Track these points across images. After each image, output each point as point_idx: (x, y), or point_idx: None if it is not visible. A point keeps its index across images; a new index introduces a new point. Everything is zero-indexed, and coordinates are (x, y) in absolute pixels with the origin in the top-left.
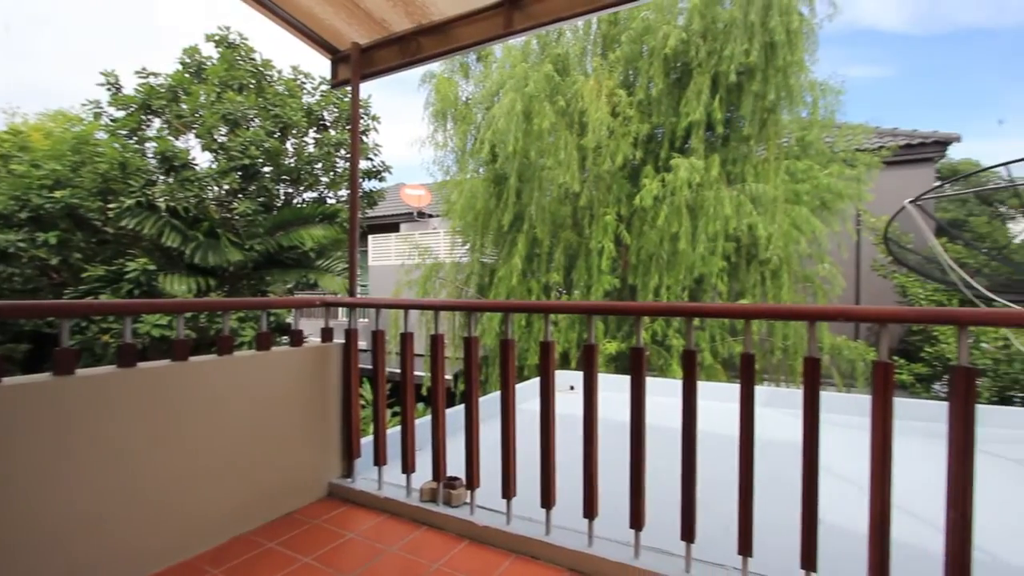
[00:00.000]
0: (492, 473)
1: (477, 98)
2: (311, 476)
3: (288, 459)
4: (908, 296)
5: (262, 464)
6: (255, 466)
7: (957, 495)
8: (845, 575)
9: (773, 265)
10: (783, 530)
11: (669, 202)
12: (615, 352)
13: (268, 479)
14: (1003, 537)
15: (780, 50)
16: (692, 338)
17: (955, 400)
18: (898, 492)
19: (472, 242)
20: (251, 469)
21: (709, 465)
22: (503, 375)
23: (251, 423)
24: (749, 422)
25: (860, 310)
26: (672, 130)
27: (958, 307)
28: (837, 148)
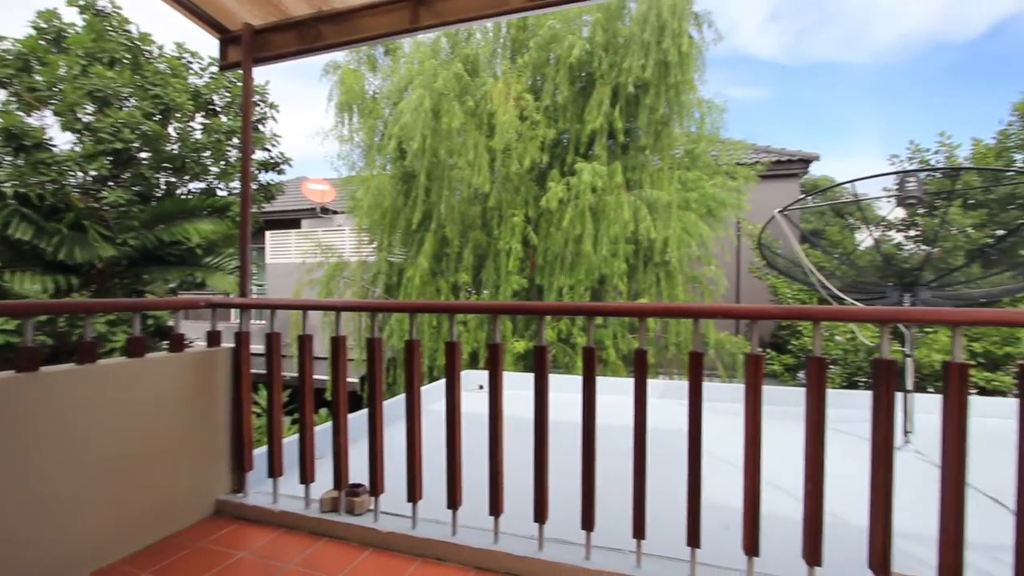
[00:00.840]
0: (398, 477)
1: (385, 92)
2: (194, 493)
3: (166, 477)
4: (778, 295)
5: (133, 485)
6: (125, 488)
7: (812, 469)
8: (725, 546)
9: (669, 267)
10: (676, 512)
11: (574, 205)
12: (523, 351)
13: (140, 501)
14: (848, 501)
15: (673, 69)
16: (592, 336)
17: (810, 386)
18: (768, 469)
19: (379, 241)
20: (119, 492)
21: (610, 457)
22: (408, 376)
23: (119, 440)
24: (642, 414)
25: (736, 308)
26: (577, 136)
27: (815, 305)
28: (721, 161)
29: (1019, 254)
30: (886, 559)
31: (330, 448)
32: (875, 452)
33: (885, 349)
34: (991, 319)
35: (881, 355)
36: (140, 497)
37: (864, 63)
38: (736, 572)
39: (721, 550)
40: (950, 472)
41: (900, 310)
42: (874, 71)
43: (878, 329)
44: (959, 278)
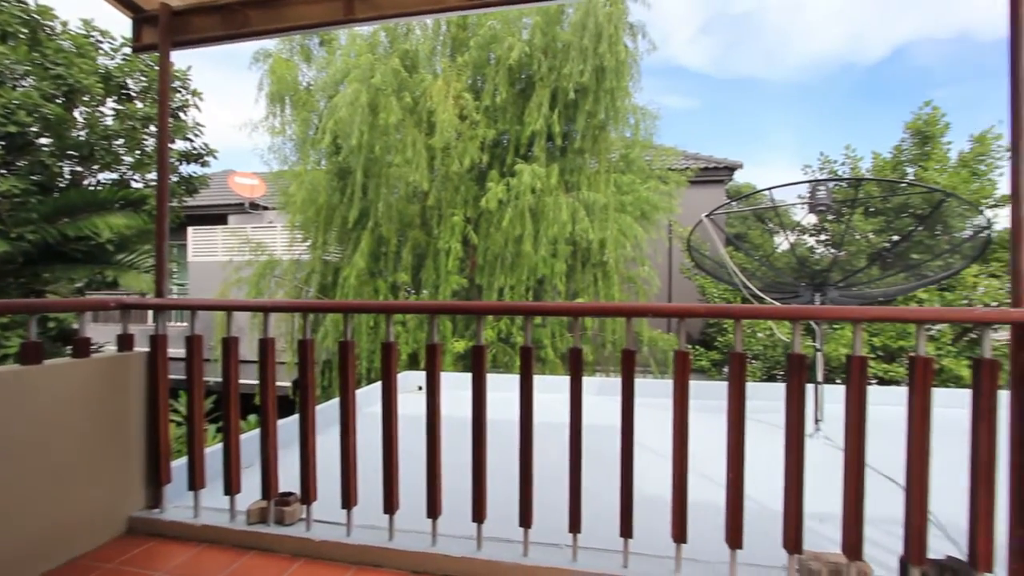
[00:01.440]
0: (333, 484)
1: (320, 84)
2: (103, 512)
3: (68, 495)
4: (706, 295)
5: (25, 507)
6: (18, 510)
7: (733, 458)
8: (656, 535)
9: (605, 267)
10: (612, 505)
11: (514, 206)
12: (463, 351)
13: (36, 524)
14: (767, 487)
15: (609, 75)
16: (530, 335)
17: (732, 380)
18: (696, 459)
19: (314, 238)
20: (12, 515)
21: (549, 453)
22: (343, 379)
23: (11, 457)
24: (578, 411)
25: (665, 307)
26: (517, 137)
27: (736, 304)
28: (654, 166)
29: (911, 257)
30: (798, 539)
31: (259, 456)
32: (788, 440)
33: (797, 344)
34: (885, 316)
35: (793, 350)
36: (36, 520)
37: (783, 79)
38: (666, 559)
39: (652, 539)
40: (851, 455)
41: (810, 308)
42: (791, 86)
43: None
44: (862, 279)
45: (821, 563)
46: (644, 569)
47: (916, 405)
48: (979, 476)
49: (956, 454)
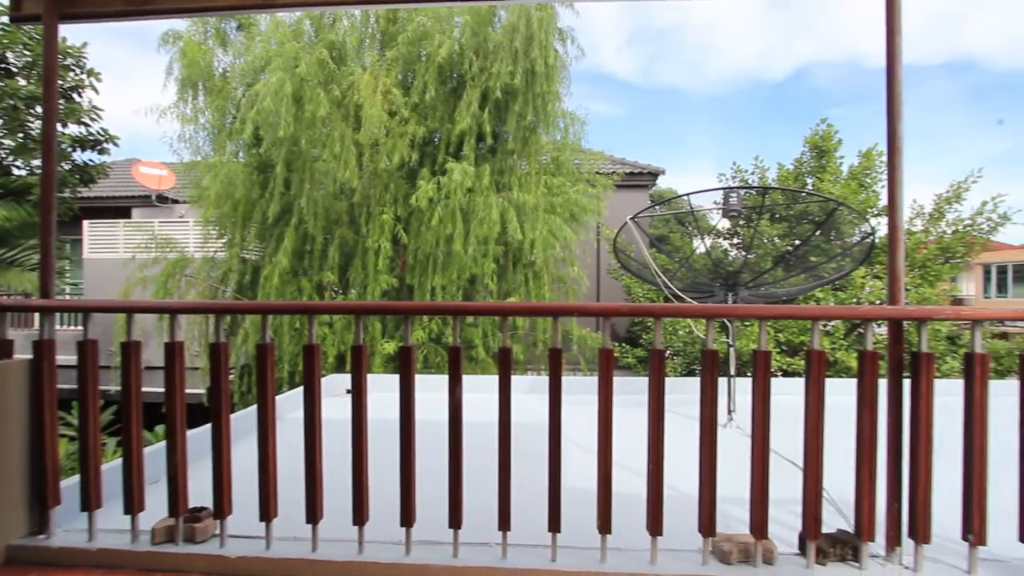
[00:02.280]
0: (252, 496)
1: (238, 71)
2: None
3: None
4: (631, 294)
5: None
6: None
7: (654, 450)
8: (585, 527)
9: (536, 268)
10: (542, 501)
11: (444, 204)
12: (394, 352)
13: None
14: (685, 476)
15: (540, 78)
16: (458, 335)
17: (652, 375)
18: (621, 453)
19: (231, 235)
20: None
21: (480, 453)
22: (261, 383)
23: None
24: (507, 410)
25: (590, 306)
26: (448, 136)
27: (656, 303)
28: (583, 169)
29: (810, 260)
30: (712, 523)
31: (166, 471)
32: (702, 431)
33: (711, 341)
34: (787, 314)
35: (707, 346)
36: None
37: (702, 91)
38: (593, 550)
39: (580, 531)
40: (757, 443)
41: (723, 307)
42: (709, 99)
43: (707, 324)
44: (768, 279)
45: (732, 544)
46: (571, 561)
47: (811, 394)
48: (863, 456)
49: (848, 437)
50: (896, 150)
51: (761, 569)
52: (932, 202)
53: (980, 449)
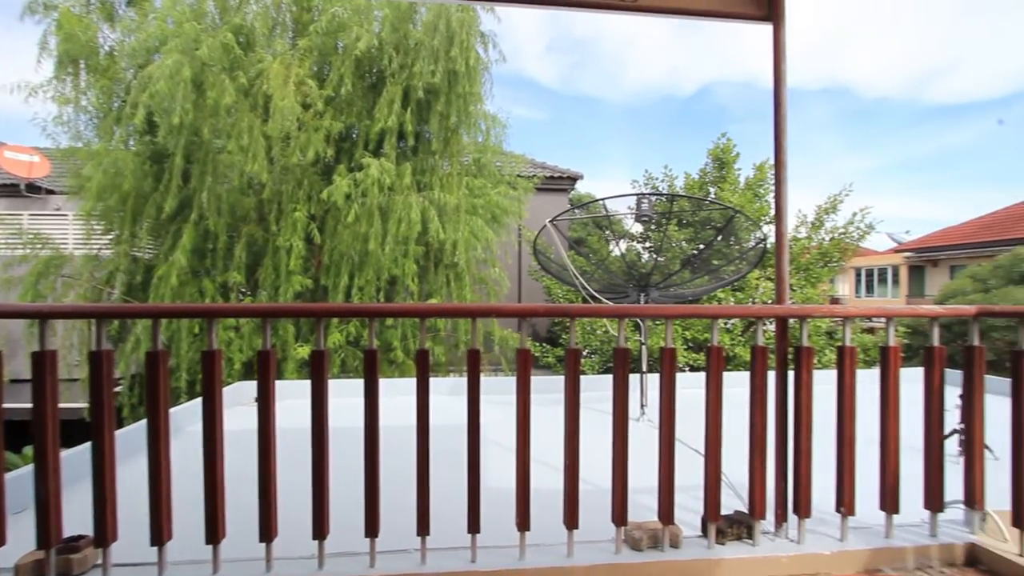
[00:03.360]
0: (143, 519)
1: (127, 50)
2: None
3: None
4: (551, 295)
5: None
6: None
7: (570, 446)
8: (505, 526)
9: (457, 269)
10: (463, 503)
11: (361, 203)
12: (308, 356)
13: None
14: (601, 469)
15: (462, 80)
16: (374, 338)
17: (568, 374)
18: (540, 450)
19: (119, 231)
20: None
21: (401, 457)
22: (152, 394)
23: None
24: (425, 413)
25: (508, 307)
26: (366, 132)
27: (571, 304)
28: (504, 172)
29: (712, 263)
30: (624, 513)
31: (35, 497)
32: (615, 426)
33: (622, 339)
34: (690, 313)
35: (619, 345)
36: None
37: (618, 101)
38: (512, 548)
39: (501, 530)
40: (664, 434)
41: (633, 307)
42: (625, 109)
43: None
44: (676, 281)
45: (643, 531)
46: (491, 561)
47: (711, 387)
48: (755, 443)
49: (745, 426)
50: (782, 164)
51: (668, 553)
52: (814, 212)
53: (849, 432)
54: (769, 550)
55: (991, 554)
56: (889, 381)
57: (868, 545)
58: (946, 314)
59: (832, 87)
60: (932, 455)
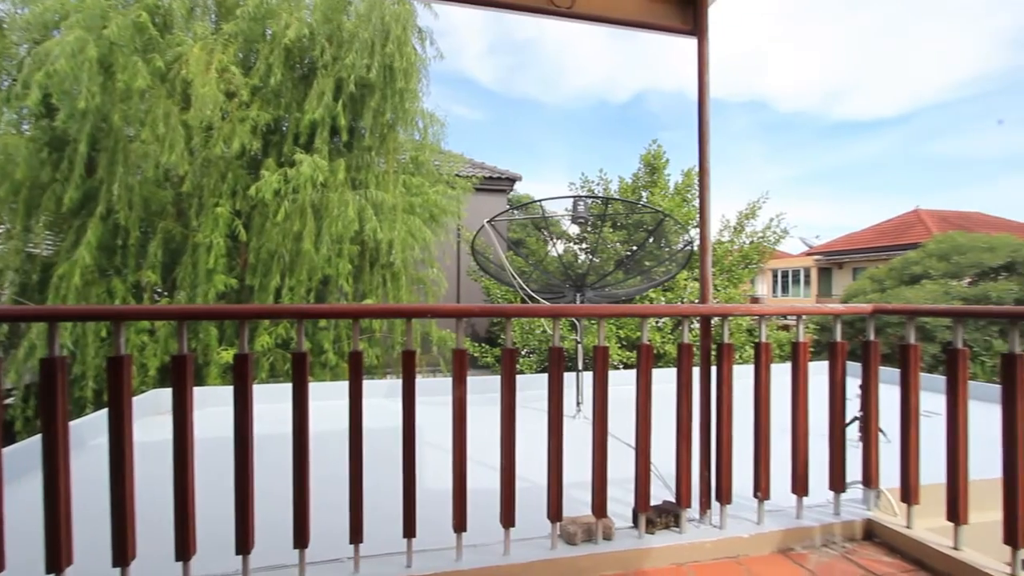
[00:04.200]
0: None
1: (20, 23)
2: None
3: None
4: (490, 295)
5: None
6: None
7: (506, 445)
8: (443, 528)
9: (394, 269)
10: (395, 507)
11: (292, 199)
12: (232, 360)
13: None
14: (537, 467)
15: (398, 75)
16: (303, 340)
17: (504, 374)
18: (478, 450)
19: (9, 224)
20: None
21: (334, 463)
22: (47, 406)
23: None
24: (358, 416)
25: (443, 307)
26: (297, 126)
27: (507, 304)
28: (442, 171)
29: (644, 264)
30: (559, 508)
31: None
32: (550, 423)
33: (557, 338)
34: (621, 312)
35: (553, 344)
36: None
37: (557, 104)
38: (449, 550)
39: (438, 532)
40: (598, 430)
41: (567, 307)
42: (563, 112)
43: (562, 322)
44: (611, 281)
45: (577, 526)
46: (427, 564)
47: (641, 383)
48: (682, 435)
49: (672, 420)
50: (705, 171)
51: (601, 545)
52: (736, 217)
53: (765, 422)
54: (694, 536)
55: (884, 528)
56: (799, 374)
57: (781, 526)
58: (847, 312)
59: (753, 100)
60: (835, 441)
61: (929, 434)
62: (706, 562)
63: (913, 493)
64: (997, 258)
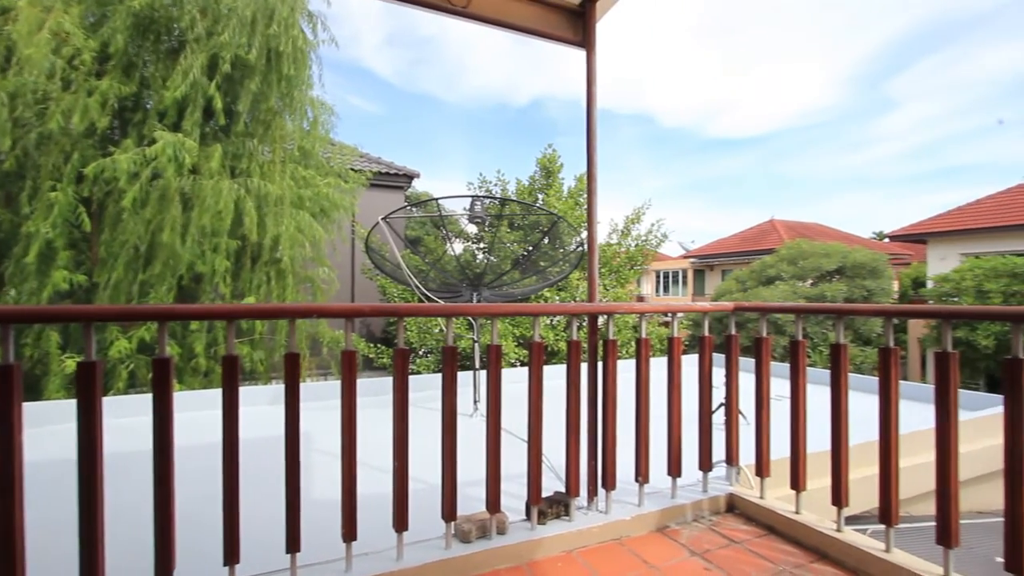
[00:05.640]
0: None
1: None
2: None
3: None
4: (387, 295)
5: None
6: None
7: (399, 447)
8: (331, 538)
9: (280, 266)
10: (278, 521)
11: (155, 185)
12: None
13: None
14: (433, 466)
15: (284, 61)
16: (166, 345)
17: (396, 375)
18: (372, 454)
19: None
20: None
21: (206, 480)
22: None
23: None
24: (233, 426)
25: (330, 307)
26: (162, 103)
27: (400, 304)
28: (334, 163)
29: (540, 264)
30: (453, 508)
31: None
32: (444, 422)
33: (450, 338)
34: (514, 311)
35: (447, 343)
36: None
37: (458, 103)
38: (338, 561)
39: (326, 543)
40: (491, 428)
41: (460, 306)
42: (464, 111)
43: (459, 321)
44: (507, 280)
45: (472, 523)
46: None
47: (533, 379)
48: (571, 427)
49: (564, 414)
50: (593, 177)
51: (495, 540)
52: (623, 221)
53: (645, 411)
54: (583, 523)
55: (743, 500)
56: (674, 365)
57: (659, 507)
58: (712, 309)
59: (640, 114)
60: (704, 425)
61: (783, 415)
62: (593, 546)
63: (765, 467)
64: (831, 263)
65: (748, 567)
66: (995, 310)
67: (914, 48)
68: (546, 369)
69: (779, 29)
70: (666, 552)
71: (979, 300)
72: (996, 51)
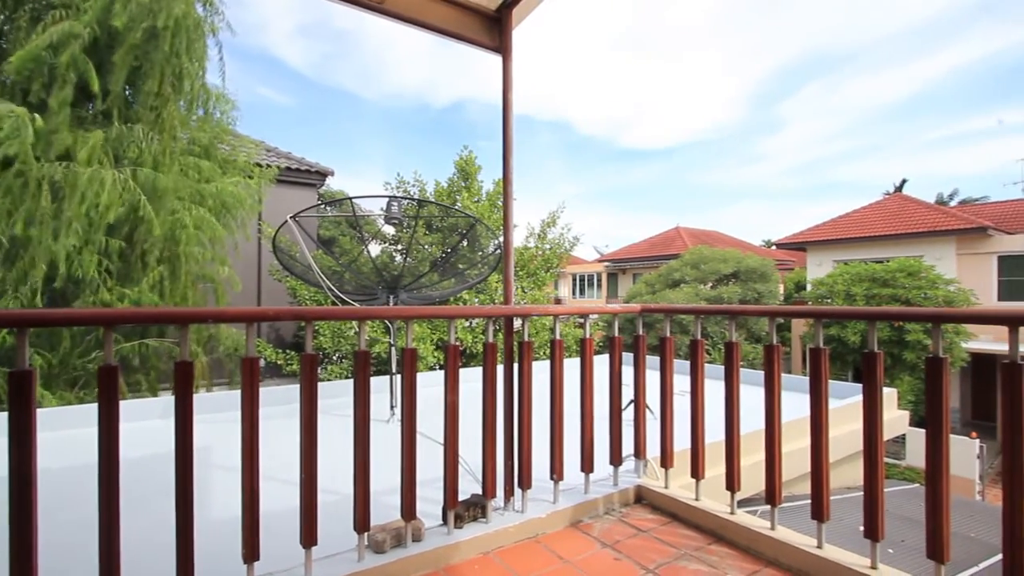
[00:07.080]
0: None
1: None
2: None
3: None
4: (297, 297)
5: None
6: None
7: (307, 459)
8: (231, 561)
9: (175, 266)
10: (165, 546)
11: (15, 172)
12: None
13: None
14: (347, 476)
15: (166, 37)
16: (27, 354)
17: (303, 382)
18: (281, 466)
19: None
20: None
21: (83, 504)
22: None
23: None
24: (111, 443)
25: (230, 311)
26: (14, 73)
27: (308, 307)
28: (236, 157)
29: (458, 266)
30: (366, 518)
31: None
32: (356, 430)
33: (362, 342)
34: (430, 314)
35: (359, 347)
36: None
37: (376, 100)
38: None
39: (225, 566)
40: (406, 432)
41: (373, 309)
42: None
43: (375, 325)
44: (426, 283)
45: (386, 533)
46: None
47: (449, 382)
48: (487, 429)
49: (480, 417)
50: (508, 181)
51: (411, 548)
52: (539, 225)
53: (559, 410)
54: (499, 524)
55: (649, 491)
56: (586, 365)
57: (573, 502)
58: (622, 311)
59: (558, 121)
60: (614, 421)
61: (686, 410)
62: (509, 546)
63: (669, 458)
64: (728, 267)
65: (653, 554)
66: (856, 311)
67: (800, 75)
68: (465, 372)
69: (688, 49)
70: (579, 546)
71: (847, 301)
72: (862, 83)
